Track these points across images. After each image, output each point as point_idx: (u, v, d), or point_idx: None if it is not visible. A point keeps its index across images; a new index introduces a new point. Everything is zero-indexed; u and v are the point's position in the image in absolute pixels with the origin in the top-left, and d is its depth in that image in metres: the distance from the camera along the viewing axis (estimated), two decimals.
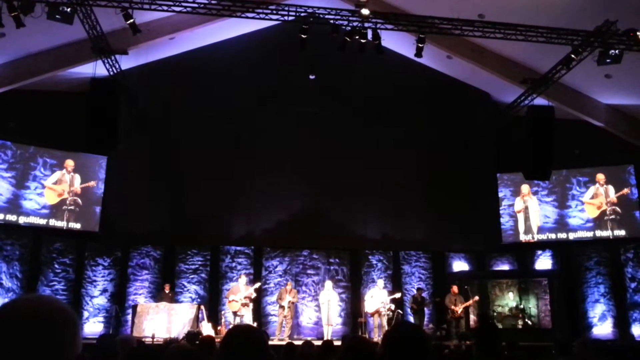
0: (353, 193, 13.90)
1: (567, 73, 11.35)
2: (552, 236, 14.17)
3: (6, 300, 11.61)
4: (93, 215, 13.20)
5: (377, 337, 11.57)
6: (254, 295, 12.00)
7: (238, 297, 11.74)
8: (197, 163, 13.67)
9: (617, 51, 10.09)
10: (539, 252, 14.35)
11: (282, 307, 12.06)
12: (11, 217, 12.33)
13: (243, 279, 12.21)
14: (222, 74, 13.77)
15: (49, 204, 12.81)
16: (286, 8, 10.04)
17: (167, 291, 12.30)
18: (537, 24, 10.27)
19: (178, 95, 13.75)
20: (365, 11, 10.12)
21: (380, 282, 12.68)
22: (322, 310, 12.36)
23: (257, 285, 12.29)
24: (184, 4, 9.80)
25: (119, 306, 12.56)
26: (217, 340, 4.91)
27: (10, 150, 12.59)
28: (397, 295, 12.35)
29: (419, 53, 10.94)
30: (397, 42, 12.57)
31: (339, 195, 13.85)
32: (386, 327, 11.62)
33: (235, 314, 11.73)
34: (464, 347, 7.64)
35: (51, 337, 1.13)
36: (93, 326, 12.46)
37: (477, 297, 12.71)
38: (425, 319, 13.12)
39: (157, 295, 12.68)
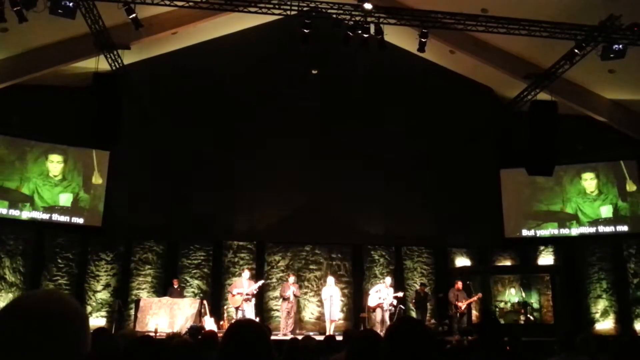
0: (355, 188, 13.89)
1: (571, 68, 11.29)
2: (555, 231, 14.15)
3: (10, 294, 11.72)
4: (96, 210, 13.22)
5: (379, 332, 11.58)
6: (256, 291, 12.05)
7: (243, 291, 11.77)
8: (200, 158, 13.68)
9: (620, 46, 10.04)
10: (542, 247, 14.35)
11: (285, 299, 12.09)
12: (14, 212, 12.36)
13: (246, 274, 12.23)
14: (224, 69, 13.74)
15: (51, 198, 12.84)
16: (288, 2, 10.00)
17: (175, 286, 12.38)
18: (540, 19, 10.21)
19: (181, 90, 13.73)
20: (368, 6, 10.09)
21: (389, 279, 12.63)
22: (324, 305, 12.37)
23: (261, 283, 12.31)
24: None
25: (122, 301, 12.59)
26: (220, 334, 4.92)
27: (12, 145, 12.62)
28: (400, 294, 12.33)
29: (421, 48, 10.90)
30: (400, 37, 12.53)
31: (341, 191, 13.85)
32: (388, 322, 11.64)
33: (237, 308, 11.76)
34: (466, 342, 7.64)
35: (61, 335, 1.11)
36: (96, 321, 12.50)
37: (480, 294, 12.71)
38: (427, 315, 13.14)
39: (165, 290, 12.70)
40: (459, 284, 12.59)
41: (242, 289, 11.80)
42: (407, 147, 14.28)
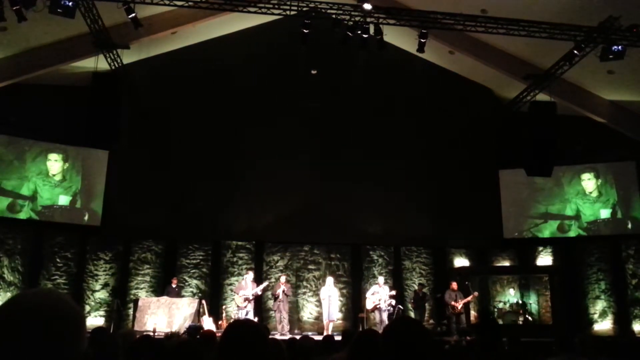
0: (354, 188, 13.88)
1: (570, 69, 11.32)
2: (554, 232, 14.15)
3: (8, 293, 11.71)
4: (95, 209, 13.21)
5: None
6: (261, 292, 12.15)
7: (248, 293, 11.78)
8: (199, 157, 13.68)
9: (620, 47, 10.06)
10: (540, 248, 14.34)
11: (275, 298, 12.14)
12: (13, 212, 12.34)
13: (250, 275, 12.21)
14: (223, 69, 13.74)
15: (51, 198, 12.83)
16: (288, 2, 10.02)
17: (174, 286, 12.37)
18: (539, 20, 10.23)
19: (180, 90, 13.72)
20: (367, 6, 10.10)
21: (381, 279, 12.65)
22: (323, 305, 12.37)
23: (266, 283, 12.36)
24: None
25: (121, 300, 12.59)
26: (218, 334, 4.91)
27: (11, 144, 12.60)
28: (393, 292, 12.34)
29: (421, 48, 10.91)
30: (399, 37, 12.54)
31: (340, 190, 13.84)
32: (387, 323, 11.64)
33: (240, 308, 11.78)
34: (464, 342, 7.63)
35: (58, 334, 1.11)
36: (94, 320, 12.49)
37: (476, 293, 12.71)
38: (426, 315, 13.14)
39: (163, 289, 12.69)
40: (454, 285, 12.60)
41: (247, 291, 11.82)
42: (406, 147, 14.27)
